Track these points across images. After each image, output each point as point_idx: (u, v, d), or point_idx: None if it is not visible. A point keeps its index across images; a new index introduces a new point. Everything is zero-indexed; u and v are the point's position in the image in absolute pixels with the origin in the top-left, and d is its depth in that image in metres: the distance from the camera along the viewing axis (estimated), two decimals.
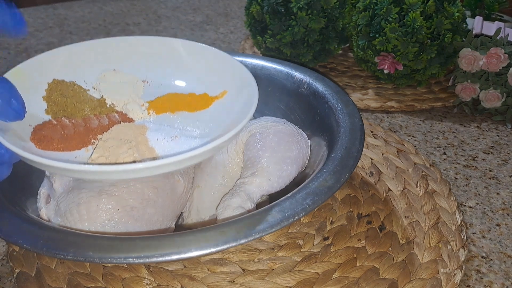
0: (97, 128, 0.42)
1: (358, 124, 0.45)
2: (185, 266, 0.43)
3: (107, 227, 0.38)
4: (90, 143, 0.41)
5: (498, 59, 0.62)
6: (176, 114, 0.47)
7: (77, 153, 0.41)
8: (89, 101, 0.45)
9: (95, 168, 0.33)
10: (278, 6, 0.71)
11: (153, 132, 0.42)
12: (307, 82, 0.52)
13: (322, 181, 0.38)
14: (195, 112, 0.47)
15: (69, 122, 0.42)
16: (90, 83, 0.48)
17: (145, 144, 0.41)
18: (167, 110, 0.47)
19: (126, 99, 0.46)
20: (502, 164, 0.58)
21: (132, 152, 0.39)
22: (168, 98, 0.48)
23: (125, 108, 0.46)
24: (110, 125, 0.43)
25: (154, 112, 0.46)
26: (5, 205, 0.38)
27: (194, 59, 0.50)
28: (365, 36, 0.68)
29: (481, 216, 0.50)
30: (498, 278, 0.43)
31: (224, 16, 1.10)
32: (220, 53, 0.49)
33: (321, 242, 0.46)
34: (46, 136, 0.40)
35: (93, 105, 0.44)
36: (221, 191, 0.45)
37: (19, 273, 0.42)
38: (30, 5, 1.17)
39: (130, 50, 0.50)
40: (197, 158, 0.36)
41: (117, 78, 0.48)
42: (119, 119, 0.44)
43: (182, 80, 0.50)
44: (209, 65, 0.49)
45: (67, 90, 0.45)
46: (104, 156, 0.39)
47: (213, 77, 0.48)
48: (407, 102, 0.71)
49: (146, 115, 0.46)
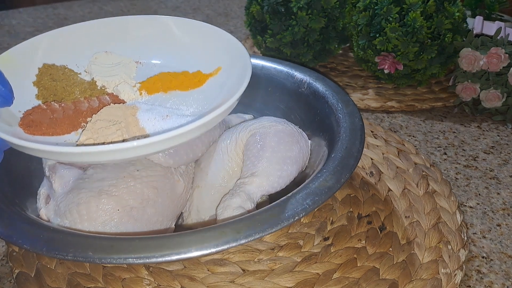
0: (87, 111, 0.41)
1: (359, 124, 0.45)
2: (185, 267, 0.43)
3: (107, 227, 0.38)
4: (80, 126, 0.41)
5: (499, 59, 0.62)
6: (169, 93, 0.46)
7: (66, 137, 0.40)
8: (79, 84, 0.44)
9: (81, 149, 0.32)
10: (278, 6, 0.71)
11: (144, 112, 0.41)
12: (307, 82, 0.52)
13: (322, 181, 0.38)
14: (188, 90, 0.46)
15: (59, 106, 0.41)
16: (82, 67, 0.47)
17: (136, 124, 0.40)
18: (160, 90, 0.46)
19: (117, 81, 0.45)
20: (503, 164, 0.58)
21: (121, 133, 0.38)
22: (161, 78, 0.47)
23: (116, 90, 0.45)
24: (100, 107, 0.42)
25: (146, 93, 0.45)
26: (5, 205, 0.38)
27: (187, 36, 0.48)
28: (366, 36, 0.68)
29: (481, 216, 0.50)
30: (499, 278, 0.43)
31: (224, 16, 1.10)
32: (213, 28, 0.47)
33: (322, 243, 0.46)
34: (35, 121, 0.39)
35: (83, 88, 0.44)
36: (221, 191, 0.45)
37: (18, 274, 0.42)
38: (30, 5, 1.17)
39: (122, 30, 0.49)
40: (187, 135, 0.35)
41: (109, 60, 0.47)
42: (110, 100, 0.43)
43: (175, 58, 0.49)
44: (203, 41, 0.48)
45: (57, 74, 0.44)
46: (93, 138, 0.38)
47: (207, 54, 0.47)
48: (407, 102, 0.70)
49: (138, 96, 0.45)
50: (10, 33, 1.00)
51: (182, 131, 0.34)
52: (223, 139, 0.48)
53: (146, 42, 0.49)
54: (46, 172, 0.43)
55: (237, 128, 0.48)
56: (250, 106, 0.56)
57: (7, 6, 1.29)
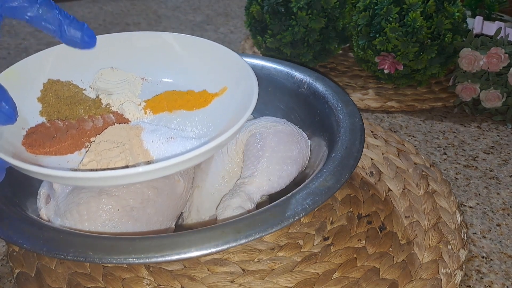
0: (90, 130, 0.41)
1: (358, 124, 0.45)
2: (185, 266, 0.43)
3: (107, 227, 0.38)
4: (84, 146, 0.40)
5: (499, 59, 0.62)
6: (174, 113, 0.45)
7: (69, 157, 0.40)
8: (84, 102, 0.44)
9: (82, 174, 0.32)
10: (278, 6, 0.71)
11: (148, 133, 0.41)
12: (307, 82, 0.52)
13: (322, 181, 0.38)
14: (193, 110, 0.46)
15: (63, 124, 0.41)
16: (87, 82, 0.47)
17: (140, 146, 0.40)
18: (165, 109, 0.46)
19: (122, 99, 0.45)
20: (503, 164, 0.58)
21: (124, 156, 0.38)
22: (166, 97, 0.47)
23: (120, 108, 0.44)
24: (105, 126, 0.42)
25: (151, 112, 0.45)
26: (5, 205, 0.38)
27: (194, 54, 0.48)
28: (365, 36, 0.68)
29: (481, 216, 0.50)
30: (499, 278, 0.43)
31: (224, 16, 1.10)
32: (219, 47, 0.47)
33: (321, 242, 0.46)
34: (37, 140, 0.39)
35: (88, 106, 0.43)
36: (221, 191, 0.45)
37: (19, 273, 0.42)
38: None
39: (128, 46, 0.48)
40: (191, 161, 0.35)
41: (115, 76, 0.47)
42: (114, 120, 0.43)
43: (182, 76, 0.49)
44: (209, 60, 0.47)
45: (62, 90, 0.44)
46: (96, 160, 0.38)
47: (213, 73, 0.47)
48: (407, 102, 0.71)
49: (142, 115, 0.45)
50: (10, 33, 1.00)
51: (186, 157, 0.33)
52: None
53: (152, 59, 0.49)
54: None
55: None
56: None
57: None
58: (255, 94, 0.40)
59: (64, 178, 0.33)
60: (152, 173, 0.33)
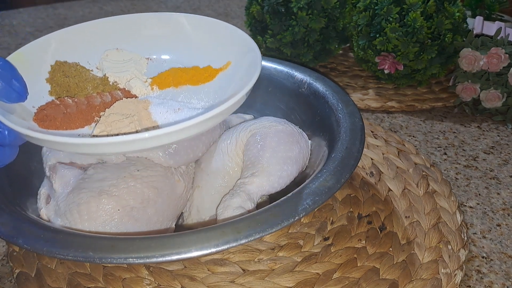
0: (99, 106, 0.42)
1: (359, 124, 0.45)
2: (185, 267, 0.43)
3: (107, 227, 0.38)
4: (93, 120, 0.41)
5: (499, 59, 0.62)
6: (180, 88, 0.46)
7: (80, 131, 0.41)
8: (92, 80, 0.44)
9: (95, 140, 0.32)
10: (279, 6, 0.71)
11: (156, 106, 0.42)
12: (307, 82, 0.52)
13: (322, 181, 0.38)
14: (199, 85, 0.46)
15: (72, 101, 0.42)
16: (94, 64, 0.48)
17: (148, 118, 0.40)
18: (171, 85, 0.46)
19: (129, 76, 0.46)
20: (503, 164, 0.58)
21: (134, 126, 0.39)
22: (171, 73, 0.47)
23: (128, 85, 0.45)
24: (113, 102, 0.43)
25: (157, 88, 0.46)
26: (5, 205, 0.38)
27: (197, 32, 0.49)
28: (366, 36, 0.68)
29: (481, 216, 0.50)
30: (499, 278, 0.43)
31: (224, 16, 1.10)
32: (223, 24, 0.48)
33: (322, 242, 0.46)
34: (49, 116, 0.40)
35: (96, 84, 0.44)
36: (221, 191, 0.45)
37: (19, 273, 0.42)
38: (30, 5, 1.17)
39: (132, 28, 0.49)
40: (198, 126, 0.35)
41: (120, 56, 0.48)
42: (122, 96, 0.44)
43: (186, 54, 0.49)
44: (213, 37, 0.48)
45: (69, 70, 0.45)
46: (106, 131, 0.39)
47: (217, 49, 0.48)
48: (407, 102, 0.70)
49: (149, 90, 0.46)
50: (11, 33, 1.00)
51: (194, 122, 0.34)
52: (223, 139, 0.48)
53: (156, 39, 0.49)
54: (47, 172, 0.43)
55: (237, 128, 0.48)
56: (250, 106, 0.56)
57: (8, 6, 1.29)
58: (258, 65, 0.41)
59: (76, 145, 0.33)
60: (161, 137, 0.33)
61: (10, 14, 1.12)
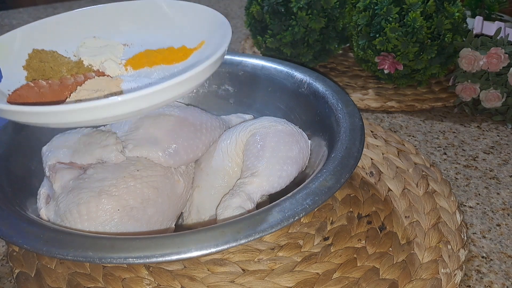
0: (72, 85, 0.42)
1: (359, 124, 0.45)
2: (185, 266, 0.43)
3: (107, 227, 0.38)
4: (65, 97, 0.41)
5: (499, 59, 0.62)
6: (154, 68, 0.46)
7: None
8: (66, 64, 0.45)
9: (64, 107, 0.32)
10: (278, 6, 0.71)
11: (127, 83, 0.42)
12: (307, 82, 0.52)
13: (322, 181, 0.38)
14: (173, 64, 0.47)
15: (46, 83, 0.42)
16: (71, 52, 0.48)
17: (120, 94, 0.40)
18: (145, 65, 0.47)
19: (103, 59, 0.46)
20: (503, 164, 0.58)
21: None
22: (146, 54, 0.48)
23: (102, 66, 0.46)
24: (86, 81, 0.43)
25: (131, 68, 0.46)
26: (5, 205, 0.38)
27: (174, 16, 0.49)
28: (365, 36, 0.68)
29: (481, 216, 0.50)
30: (499, 278, 0.43)
31: (224, 16, 1.10)
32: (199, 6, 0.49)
33: (321, 242, 0.46)
34: (22, 95, 0.40)
35: (70, 67, 0.45)
36: (221, 191, 0.45)
37: (19, 273, 0.42)
38: (30, 5, 1.17)
39: (110, 17, 0.50)
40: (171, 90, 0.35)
41: (97, 43, 0.49)
42: (95, 76, 0.44)
43: (162, 38, 0.50)
44: (188, 19, 0.49)
45: (46, 57, 0.45)
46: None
47: (192, 30, 0.48)
48: (407, 102, 0.70)
49: (123, 71, 0.46)
50: None
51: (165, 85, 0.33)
52: (223, 139, 0.48)
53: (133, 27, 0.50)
54: (47, 172, 0.43)
55: (237, 128, 0.48)
56: (250, 106, 0.56)
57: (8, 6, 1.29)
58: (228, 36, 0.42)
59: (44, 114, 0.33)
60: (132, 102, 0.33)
61: (10, 14, 1.12)
